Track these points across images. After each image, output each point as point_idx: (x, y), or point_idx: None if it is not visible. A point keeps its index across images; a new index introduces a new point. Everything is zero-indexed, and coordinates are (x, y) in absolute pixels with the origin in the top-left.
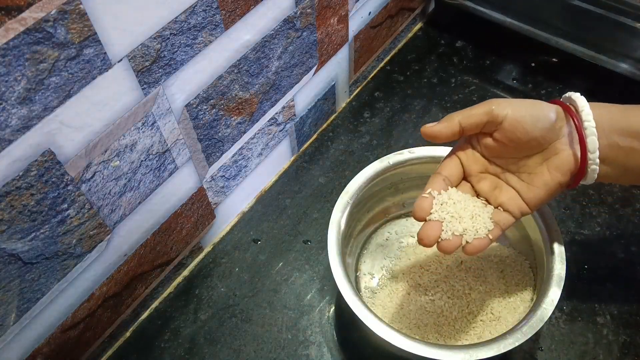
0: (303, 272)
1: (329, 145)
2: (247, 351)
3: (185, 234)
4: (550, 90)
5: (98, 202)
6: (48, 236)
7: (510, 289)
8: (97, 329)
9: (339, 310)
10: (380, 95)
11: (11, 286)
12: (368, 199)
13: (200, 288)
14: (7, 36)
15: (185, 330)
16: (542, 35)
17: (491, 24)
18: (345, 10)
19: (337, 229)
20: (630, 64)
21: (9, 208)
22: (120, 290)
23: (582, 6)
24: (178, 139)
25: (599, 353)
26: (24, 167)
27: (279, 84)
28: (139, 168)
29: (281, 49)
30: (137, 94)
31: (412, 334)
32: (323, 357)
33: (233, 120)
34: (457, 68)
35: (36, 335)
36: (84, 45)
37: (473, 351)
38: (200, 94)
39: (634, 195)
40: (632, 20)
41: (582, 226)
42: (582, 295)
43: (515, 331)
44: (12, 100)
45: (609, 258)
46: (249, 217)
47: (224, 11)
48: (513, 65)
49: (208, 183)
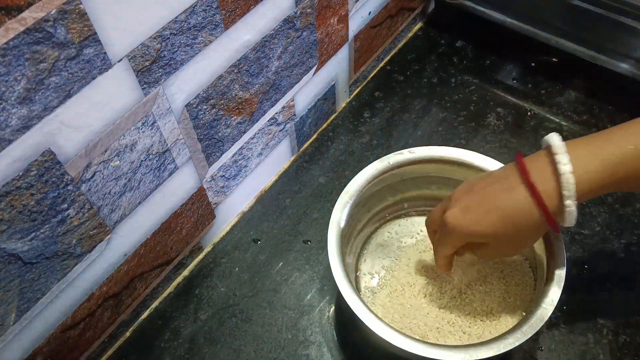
0: (303, 272)
1: (329, 145)
2: (247, 351)
3: (185, 234)
4: (550, 89)
5: (98, 202)
6: (48, 236)
7: (511, 289)
8: (97, 329)
9: (339, 310)
10: (380, 95)
11: (11, 286)
12: (368, 198)
13: (200, 288)
14: (7, 36)
15: (185, 330)
16: (542, 35)
17: (491, 23)
18: (345, 10)
19: (337, 229)
20: (630, 63)
21: (9, 208)
22: (120, 290)
23: (582, 6)
24: (178, 138)
25: (599, 353)
26: (24, 167)
27: (279, 83)
28: (139, 168)
29: (281, 49)
30: (137, 94)
31: (412, 333)
32: (323, 356)
33: (233, 120)
34: (457, 68)
35: (36, 334)
36: (84, 45)
37: (473, 351)
38: (200, 93)
39: (634, 195)
40: (632, 20)
41: (582, 226)
42: (582, 295)
43: (515, 331)
44: (12, 100)
45: (609, 258)
46: (249, 217)
47: (224, 11)
48: (513, 65)
49: (208, 183)
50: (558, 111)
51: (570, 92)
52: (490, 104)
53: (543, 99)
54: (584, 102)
